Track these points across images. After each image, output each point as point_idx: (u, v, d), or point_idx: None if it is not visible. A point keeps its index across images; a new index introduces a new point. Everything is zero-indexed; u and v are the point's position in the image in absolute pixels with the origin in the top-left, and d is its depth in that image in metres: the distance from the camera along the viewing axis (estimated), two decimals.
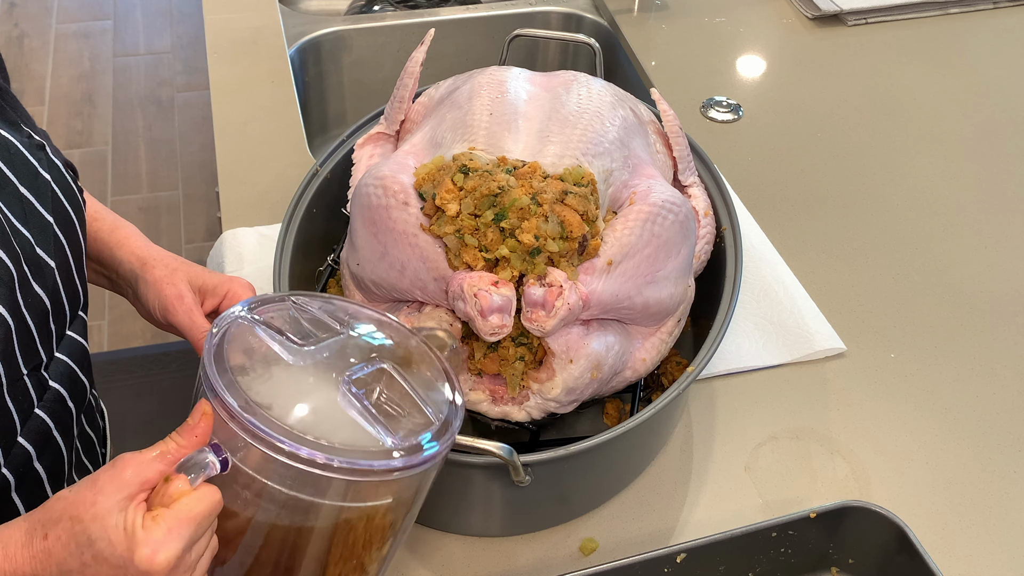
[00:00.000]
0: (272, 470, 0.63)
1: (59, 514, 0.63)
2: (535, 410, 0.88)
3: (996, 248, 1.25)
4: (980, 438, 1.04)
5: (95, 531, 0.61)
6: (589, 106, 0.96)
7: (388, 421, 0.67)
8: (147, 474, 0.63)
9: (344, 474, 0.63)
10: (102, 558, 0.61)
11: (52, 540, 0.62)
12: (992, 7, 1.69)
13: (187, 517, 0.62)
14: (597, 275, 0.85)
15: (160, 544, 0.61)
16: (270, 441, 0.62)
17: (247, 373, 0.66)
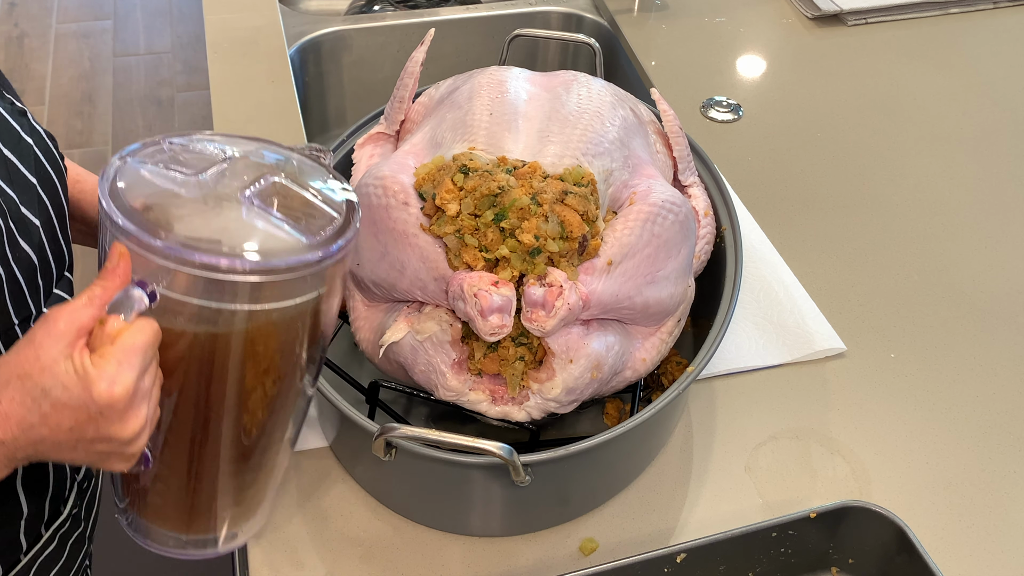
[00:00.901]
0: (198, 288, 0.65)
1: (6, 377, 0.63)
2: (535, 410, 0.88)
3: (996, 248, 1.25)
4: (980, 438, 1.04)
5: (47, 381, 0.62)
6: (589, 106, 0.96)
7: (295, 224, 0.69)
8: (81, 320, 0.63)
9: (266, 274, 0.65)
10: (60, 404, 0.62)
11: (6, 403, 0.63)
12: (992, 7, 1.69)
13: (132, 347, 0.63)
14: (597, 275, 0.85)
15: (115, 376, 0.62)
16: (190, 259, 0.63)
17: (149, 209, 0.67)
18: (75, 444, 0.64)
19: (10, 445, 0.64)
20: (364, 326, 0.95)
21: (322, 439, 1.00)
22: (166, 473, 0.75)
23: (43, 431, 0.63)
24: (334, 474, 0.98)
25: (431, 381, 0.88)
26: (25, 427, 0.63)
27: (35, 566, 0.89)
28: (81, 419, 0.63)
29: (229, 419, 0.73)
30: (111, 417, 0.63)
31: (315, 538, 0.93)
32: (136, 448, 0.66)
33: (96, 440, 0.64)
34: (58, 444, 0.64)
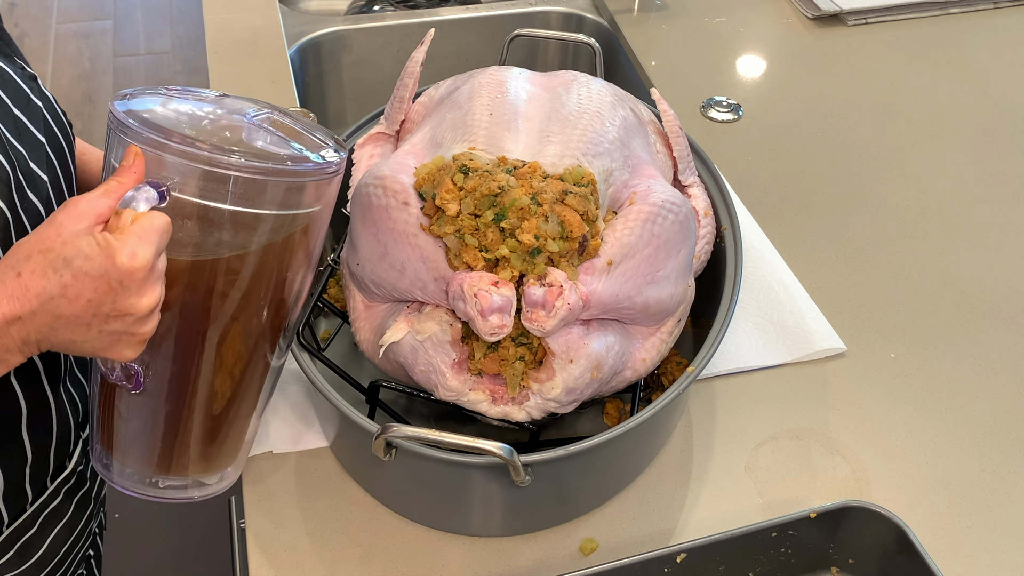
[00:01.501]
0: (208, 188, 0.70)
1: (26, 252, 0.66)
2: (535, 410, 0.88)
3: (996, 248, 1.25)
4: (980, 438, 1.04)
5: (69, 252, 0.65)
6: (589, 106, 0.96)
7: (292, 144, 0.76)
8: (99, 207, 0.67)
9: (268, 174, 0.71)
10: (82, 273, 0.65)
11: (26, 275, 0.65)
12: (992, 7, 1.69)
13: (151, 228, 0.67)
14: (597, 275, 0.85)
15: (136, 248, 0.66)
16: (204, 156, 0.69)
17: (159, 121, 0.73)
18: (91, 320, 0.66)
19: (28, 321, 0.66)
20: (364, 326, 0.95)
21: (322, 439, 1.00)
22: (146, 405, 0.78)
23: (62, 303, 0.65)
24: (334, 474, 0.98)
25: (431, 381, 0.88)
26: (45, 299, 0.65)
27: (40, 518, 0.90)
28: (101, 289, 0.65)
29: (215, 344, 0.77)
30: (130, 288, 0.66)
31: (315, 538, 0.93)
32: (148, 329, 0.69)
33: (112, 316, 0.67)
34: (75, 319, 0.66)
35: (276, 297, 0.80)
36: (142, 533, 2.01)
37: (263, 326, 0.80)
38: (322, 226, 0.81)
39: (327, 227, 0.82)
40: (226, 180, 0.70)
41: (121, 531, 1.99)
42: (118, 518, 2.02)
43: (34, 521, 0.90)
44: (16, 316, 0.65)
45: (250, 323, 0.79)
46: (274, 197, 0.73)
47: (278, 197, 0.73)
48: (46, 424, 0.88)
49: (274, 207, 0.73)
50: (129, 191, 0.68)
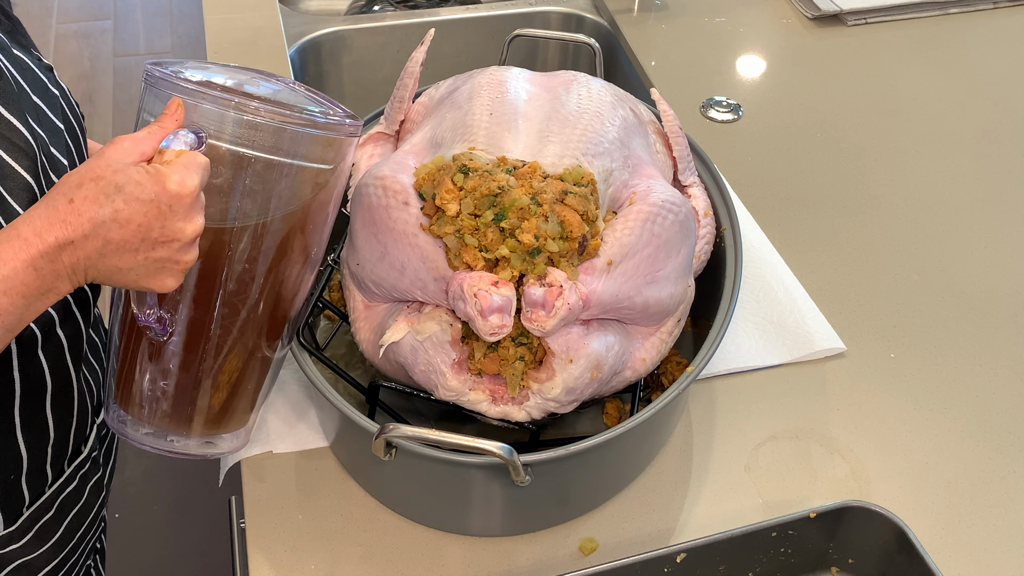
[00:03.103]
0: (239, 135, 0.75)
1: (78, 180, 0.68)
2: (535, 410, 0.88)
3: (996, 248, 1.25)
4: (980, 438, 1.04)
5: (120, 179, 0.68)
6: (589, 106, 0.96)
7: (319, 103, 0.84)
8: (143, 147, 0.71)
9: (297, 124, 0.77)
10: (133, 198, 0.68)
11: (79, 201, 0.67)
12: (992, 7, 1.69)
13: (195, 163, 0.71)
14: (597, 275, 0.85)
15: (184, 175, 0.69)
16: (236, 103, 0.75)
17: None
18: (139, 245, 0.69)
19: (79, 246, 0.67)
20: (364, 326, 0.95)
21: (322, 439, 1.00)
22: (164, 359, 0.81)
23: (113, 228, 0.67)
24: (334, 474, 0.98)
25: (431, 381, 0.88)
26: (97, 223, 0.67)
27: (58, 501, 0.91)
28: (151, 214, 0.68)
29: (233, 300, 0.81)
30: (178, 212, 0.69)
31: (315, 538, 0.93)
32: (190, 258, 0.72)
33: (160, 241, 0.69)
34: (124, 244, 0.68)
35: (296, 255, 0.84)
36: (142, 533, 2.01)
37: (281, 283, 0.84)
38: (339, 186, 0.85)
39: (343, 191, 0.87)
40: (255, 127, 0.75)
41: (121, 530, 1.99)
42: (118, 518, 2.02)
43: (52, 504, 0.90)
44: (68, 241, 0.67)
45: (269, 279, 0.82)
46: (297, 148, 0.78)
47: (301, 148, 0.79)
48: (68, 402, 0.89)
49: (297, 157, 0.79)
50: (171, 133, 0.73)
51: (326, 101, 0.88)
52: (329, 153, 0.81)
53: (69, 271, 0.68)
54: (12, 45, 0.84)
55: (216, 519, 1.93)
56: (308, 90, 0.89)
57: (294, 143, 0.78)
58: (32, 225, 0.67)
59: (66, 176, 0.69)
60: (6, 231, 0.67)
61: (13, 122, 0.76)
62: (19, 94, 0.79)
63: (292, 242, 0.83)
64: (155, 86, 0.78)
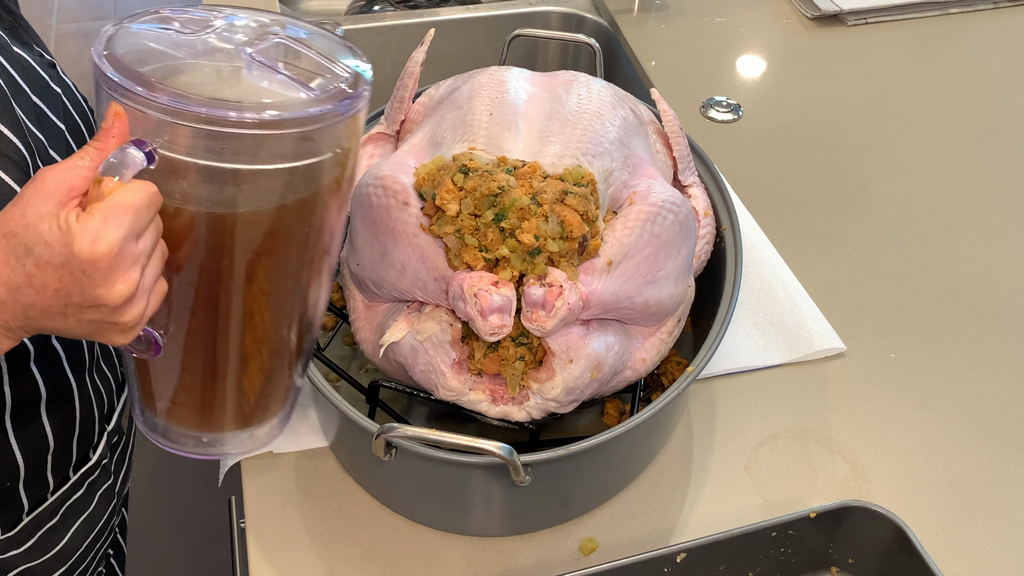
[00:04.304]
0: (200, 146, 0.62)
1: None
2: (535, 410, 0.88)
3: (996, 248, 1.25)
4: (980, 438, 1.04)
5: (30, 238, 0.59)
6: (589, 106, 0.96)
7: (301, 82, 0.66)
8: (71, 180, 0.60)
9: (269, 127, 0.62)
10: (43, 263, 0.59)
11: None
12: (992, 7, 1.69)
13: (121, 205, 0.59)
14: (597, 275, 0.85)
15: (98, 232, 0.58)
16: (189, 110, 0.60)
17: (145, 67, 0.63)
18: (64, 310, 0.61)
19: (1, 312, 0.61)
20: (364, 326, 0.95)
21: (322, 439, 1.00)
22: (176, 363, 0.71)
23: (29, 294, 0.60)
24: (334, 474, 0.98)
25: (431, 381, 0.88)
26: (12, 288, 0.60)
27: (62, 508, 0.90)
28: (65, 280, 0.60)
29: (239, 298, 0.69)
30: (95, 278, 0.60)
31: (315, 538, 0.93)
32: (130, 318, 0.63)
33: (84, 306, 0.61)
34: (47, 310, 0.61)
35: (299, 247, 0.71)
36: (142, 533, 2.01)
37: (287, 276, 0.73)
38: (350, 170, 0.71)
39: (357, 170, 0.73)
40: (225, 137, 0.61)
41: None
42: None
43: (56, 511, 0.89)
44: None
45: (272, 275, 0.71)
46: (283, 149, 0.64)
47: (288, 149, 0.64)
48: (69, 411, 0.87)
49: (284, 160, 0.65)
50: (110, 155, 0.60)
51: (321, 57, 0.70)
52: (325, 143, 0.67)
53: (1, 329, 0.63)
54: (12, 42, 0.82)
55: (216, 519, 1.93)
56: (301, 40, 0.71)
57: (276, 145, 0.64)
58: None
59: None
60: None
61: (2, 131, 0.74)
62: (16, 96, 0.77)
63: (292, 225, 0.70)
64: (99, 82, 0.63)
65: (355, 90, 0.66)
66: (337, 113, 0.65)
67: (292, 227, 0.69)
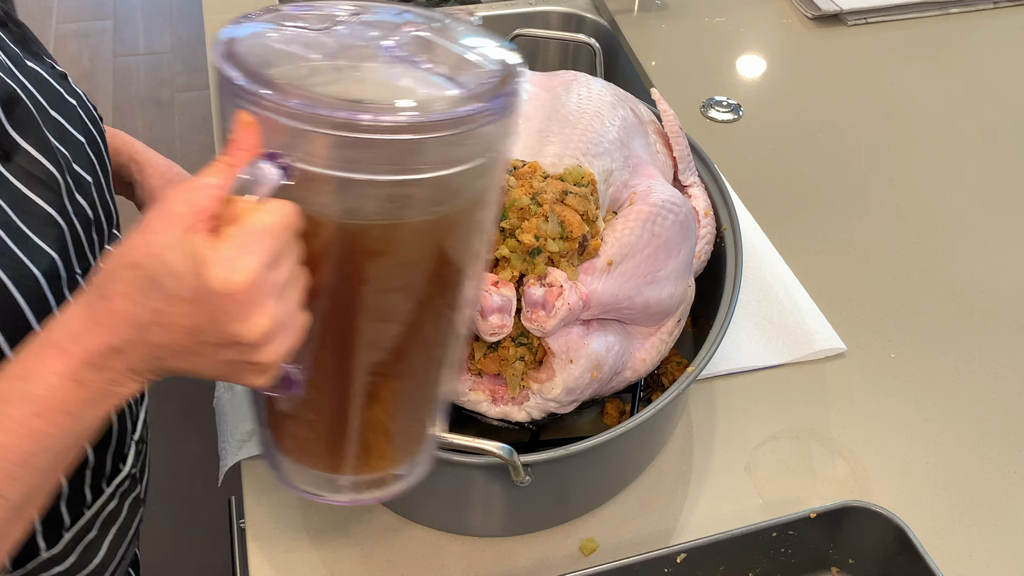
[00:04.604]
0: (339, 156, 0.54)
1: (114, 269, 0.54)
2: (535, 410, 0.88)
3: (996, 248, 1.25)
4: (980, 438, 1.04)
5: (156, 269, 0.52)
6: (589, 106, 0.96)
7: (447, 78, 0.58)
8: (200, 202, 0.53)
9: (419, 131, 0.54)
10: (173, 297, 0.52)
11: (116, 299, 0.53)
12: (992, 7, 1.69)
13: (258, 229, 0.52)
14: (597, 275, 0.85)
15: (233, 260, 0.52)
16: (330, 116, 0.52)
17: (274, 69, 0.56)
18: (197, 349, 0.55)
19: (128, 353, 0.54)
20: None
21: None
22: (316, 400, 0.64)
23: (156, 332, 0.54)
24: None
25: None
26: (138, 327, 0.53)
27: (98, 521, 0.89)
28: (199, 316, 0.53)
29: (387, 327, 0.62)
30: (231, 312, 0.53)
31: (315, 538, 0.93)
32: (268, 357, 0.56)
33: (220, 345, 0.55)
34: (179, 350, 0.55)
35: (447, 268, 0.63)
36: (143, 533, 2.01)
37: (431, 302, 0.63)
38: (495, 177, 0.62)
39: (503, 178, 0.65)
40: (372, 145, 0.54)
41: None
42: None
43: (93, 524, 0.88)
44: (112, 347, 0.54)
45: (415, 299, 0.62)
46: (434, 156, 0.56)
47: (440, 155, 0.56)
48: (105, 427, 0.86)
49: (434, 167, 0.57)
50: (241, 171, 0.53)
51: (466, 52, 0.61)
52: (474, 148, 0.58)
53: (127, 374, 0.56)
54: (25, 56, 0.80)
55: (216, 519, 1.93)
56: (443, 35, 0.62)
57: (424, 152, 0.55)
58: (67, 329, 0.54)
59: (106, 259, 0.55)
60: (37, 339, 0.55)
61: (32, 152, 0.71)
62: (39, 113, 0.75)
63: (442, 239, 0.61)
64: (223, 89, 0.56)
65: (507, 85, 0.58)
66: (491, 112, 0.57)
67: (437, 244, 0.61)
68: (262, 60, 0.56)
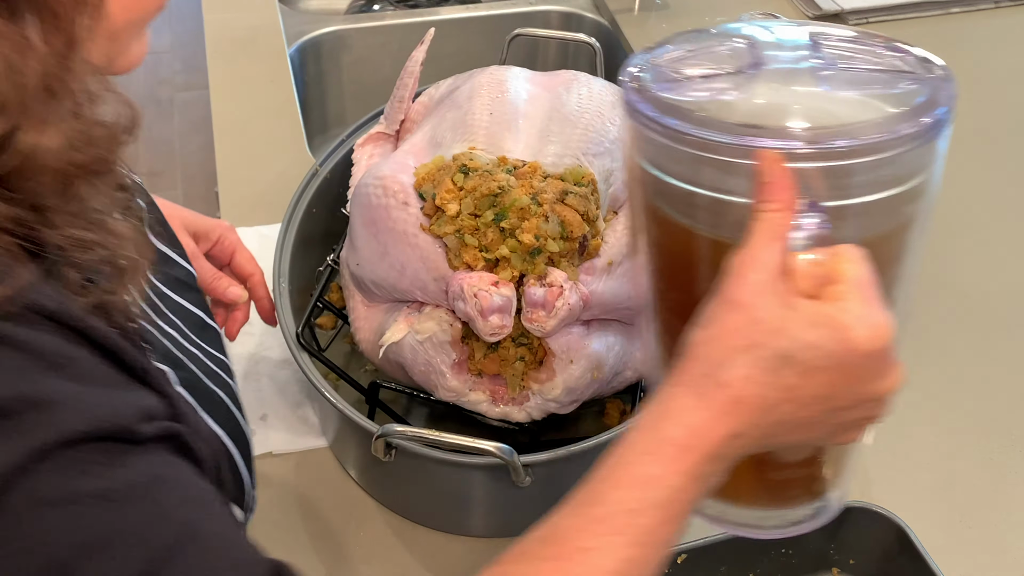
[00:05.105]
0: (841, 185, 0.54)
1: (721, 356, 0.52)
2: (535, 410, 0.88)
3: (996, 248, 1.25)
4: (980, 438, 1.03)
5: (786, 345, 0.51)
6: (590, 106, 0.96)
7: (877, 92, 0.59)
8: (772, 264, 0.52)
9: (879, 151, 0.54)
10: (811, 369, 0.51)
11: (736, 384, 0.52)
12: (994, 7, 1.69)
13: (865, 281, 0.52)
14: (598, 275, 0.85)
15: (867, 318, 0.51)
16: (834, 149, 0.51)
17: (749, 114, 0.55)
18: (821, 418, 0.54)
19: (746, 437, 0.53)
20: (364, 326, 0.94)
21: (322, 439, 1.00)
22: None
23: (787, 409, 0.52)
24: (334, 474, 0.98)
25: (431, 381, 0.88)
26: (765, 409, 0.52)
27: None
28: (836, 383, 0.52)
29: None
30: (872, 370, 0.53)
31: (315, 538, 0.93)
32: (885, 410, 0.56)
33: (849, 407, 0.54)
34: (801, 422, 0.54)
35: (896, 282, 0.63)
36: None
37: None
38: (930, 196, 0.63)
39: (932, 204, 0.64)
40: (848, 172, 0.53)
41: None
42: None
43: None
44: (733, 435, 0.52)
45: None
46: (882, 176, 0.57)
47: (886, 175, 0.57)
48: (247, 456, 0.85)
49: (879, 189, 0.57)
50: (797, 227, 0.52)
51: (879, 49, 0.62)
52: (917, 163, 0.59)
53: (735, 460, 0.54)
54: None
55: None
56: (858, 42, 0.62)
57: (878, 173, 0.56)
58: (685, 424, 0.52)
59: (696, 348, 0.53)
60: (640, 441, 0.53)
61: (173, 257, 0.72)
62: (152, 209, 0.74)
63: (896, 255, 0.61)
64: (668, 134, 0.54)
65: (940, 97, 0.59)
66: (931, 129, 0.57)
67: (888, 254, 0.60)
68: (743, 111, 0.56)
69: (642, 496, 0.52)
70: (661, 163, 0.58)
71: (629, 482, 0.52)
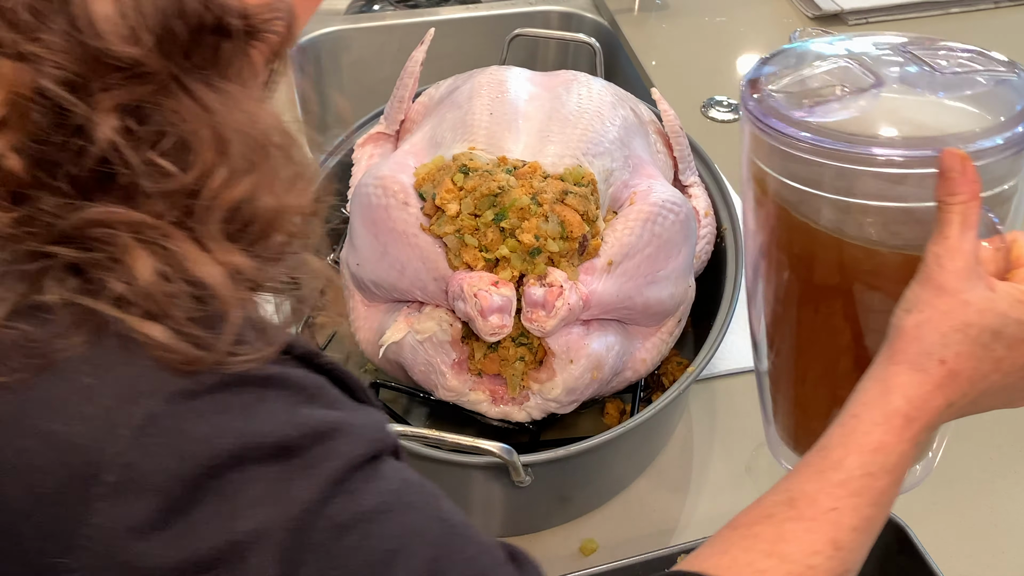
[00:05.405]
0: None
1: (939, 335, 0.59)
2: (535, 410, 0.88)
3: None
4: (980, 438, 1.03)
5: (993, 322, 0.59)
6: (590, 106, 0.96)
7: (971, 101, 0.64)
8: (969, 252, 0.59)
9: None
10: (1016, 341, 0.60)
11: (952, 360, 0.59)
12: (993, 7, 1.69)
13: None
14: (597, 275, 0.85)
15: None
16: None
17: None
18: (1018, 384, 0.62)
19: (957, 405, 0.61)
20: (364, 326, 0.94)
21: None
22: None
23: (995, 378, 0.61)
24: None
25: (431, 381, 0.88)
26: (975, 379, 0.60)
27: None
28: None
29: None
30: None
31: None
32: None
33: None
34: (1004, 387, 0.62)
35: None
36: None
37: None
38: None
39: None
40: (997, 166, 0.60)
41: None
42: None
43: None
44: (948, 404, 0.60)
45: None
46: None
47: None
48: None
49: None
50: (982, 218, 0.60)
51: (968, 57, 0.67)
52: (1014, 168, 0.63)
53: (925, 428, 0.61)
54: None
55: None
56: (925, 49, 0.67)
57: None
58: (910, 397, 0.59)
59: (909, 330, 0.60)
60: (867, 413, 0.60)
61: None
62: None
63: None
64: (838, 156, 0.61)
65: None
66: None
67: None
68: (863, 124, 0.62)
69: (876, 461, 0.59)
70: (846, 187, 0.63)
71: (863, 449, 0.59)
